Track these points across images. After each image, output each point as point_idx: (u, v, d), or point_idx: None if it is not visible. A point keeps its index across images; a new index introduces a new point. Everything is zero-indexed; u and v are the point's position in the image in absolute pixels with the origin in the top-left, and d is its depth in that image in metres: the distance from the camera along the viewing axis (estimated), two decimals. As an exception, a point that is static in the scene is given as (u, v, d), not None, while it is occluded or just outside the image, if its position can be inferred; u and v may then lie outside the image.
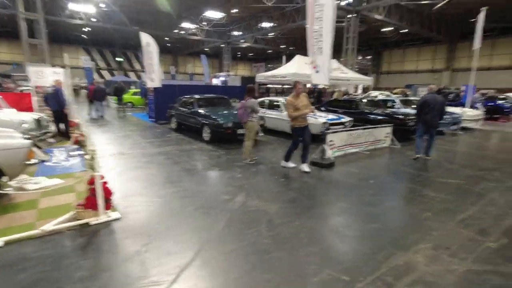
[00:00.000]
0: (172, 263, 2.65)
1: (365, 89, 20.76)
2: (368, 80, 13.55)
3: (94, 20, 23.77)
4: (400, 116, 8.45)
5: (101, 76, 36.78)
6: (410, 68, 34.57)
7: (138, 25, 24.58)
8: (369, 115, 8.82)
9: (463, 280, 2.50)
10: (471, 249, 3.00)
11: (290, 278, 2.49)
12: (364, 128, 6.94)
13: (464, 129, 11.07)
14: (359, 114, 8.95)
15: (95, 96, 11.91)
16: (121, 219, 3.42)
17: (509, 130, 12.26)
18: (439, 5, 17.33)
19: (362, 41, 29.08)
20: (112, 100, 16.70)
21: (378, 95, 16.88)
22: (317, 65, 5.22)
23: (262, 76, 12.43)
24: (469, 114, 11.06)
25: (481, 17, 11.17)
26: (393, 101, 11.05)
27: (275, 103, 9.01)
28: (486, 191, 4.72)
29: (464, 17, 22.51)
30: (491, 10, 11.41)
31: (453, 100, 16.39)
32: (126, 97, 17.47)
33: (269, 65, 40.10)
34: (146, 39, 9.79)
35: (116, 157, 6.30)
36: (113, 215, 3.39)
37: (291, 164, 5.61)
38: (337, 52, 20.79)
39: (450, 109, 11.15)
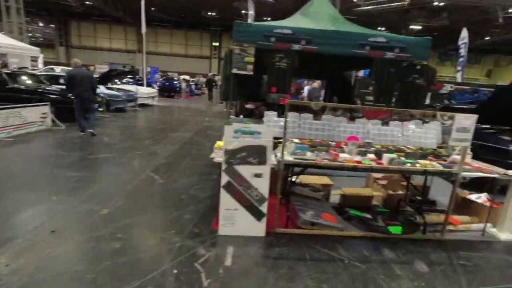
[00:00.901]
0: None
1: (48, 63, 17.71)
2: (35, 50, 11.24)
3: None
4: (65, 94, 7.61)
5: None
6: (104, 45, 34.00)
7: None
8: (23, 94, 7.19)
9: (57, 259, 2.35)
10: (83, 222, 3.01)
11: None
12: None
13: (142, 105, 12.40)
14: (6, 91, 7.05)
15: None
16: None
17: (178, 105, 15.46)
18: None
19: (37, 3, 24.13)
20: None
21: (60, 70, 14.88)
22: None
23: None
24: (143, 92, 12.45)
25: (142, 4, 12.53)
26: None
27: None
28: (130, 159, 5.25)
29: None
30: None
31: (138, 80, 18.01)
32: None
33: None
34: None
35: None
36: None
37: None
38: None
39: (125, 87, 11.96)
